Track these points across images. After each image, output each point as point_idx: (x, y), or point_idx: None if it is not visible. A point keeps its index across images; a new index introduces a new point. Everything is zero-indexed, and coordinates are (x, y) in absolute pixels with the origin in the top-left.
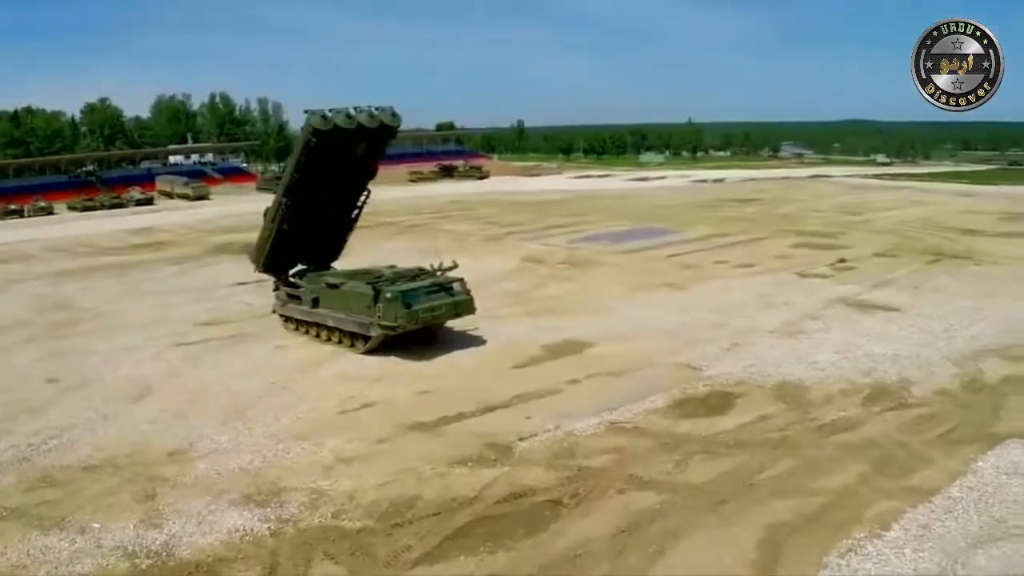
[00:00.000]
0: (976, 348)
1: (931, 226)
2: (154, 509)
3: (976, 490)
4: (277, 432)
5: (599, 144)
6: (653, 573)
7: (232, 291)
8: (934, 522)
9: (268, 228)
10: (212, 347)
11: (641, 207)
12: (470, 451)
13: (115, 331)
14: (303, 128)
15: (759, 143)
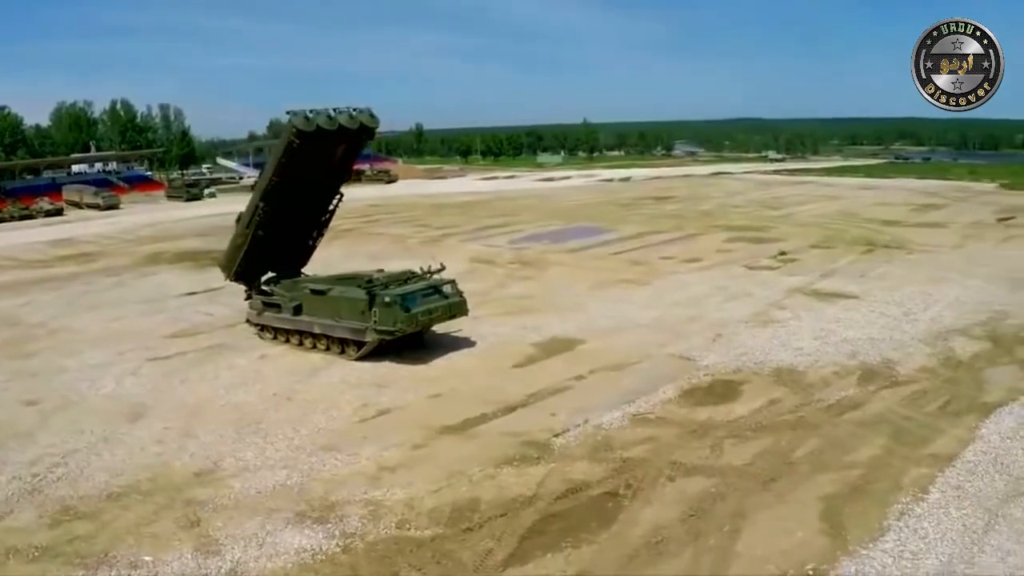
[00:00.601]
0: (939, 329)
1: (850, 218)
2: (205, 535)
3: (989, 453)
4: (302, 445)
5: (496, 146)
6: (737, 551)
7: (185, 302)
8: (964, 483)
9: (242, 235)
10: (191, 360)
11: (564, 207)
12: (510, 451)
13: (77, 347)
14: (284, 129)
15: (652, 142)
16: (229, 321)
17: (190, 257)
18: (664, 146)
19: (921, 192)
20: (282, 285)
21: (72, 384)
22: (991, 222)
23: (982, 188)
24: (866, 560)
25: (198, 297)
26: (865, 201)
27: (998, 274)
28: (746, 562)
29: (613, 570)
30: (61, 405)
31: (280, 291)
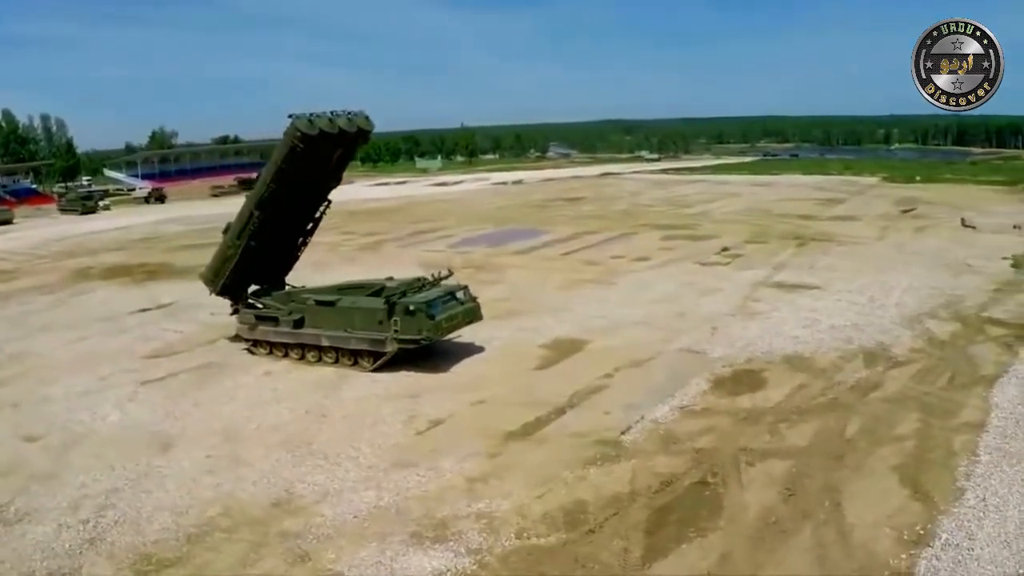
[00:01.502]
0: (909, 314)
1: (764, 214)
2: (324, 570)
3: (1010, 418)
4: (373, 463)
5: (374, 151)
6: (849, 522)
7: (142, 319)
8: (1003, 445)
9: (232, 246)
10: (189, 381)
11: (482, 210)
12: (587, 452)
13: (51, 373)
14: (286, 134)
15: (528, 145)
16: (204, 338)
17: (122, 272)
18: (539, 148)
19: (813, 187)
20: (274, 297)
21: (68, 414)
22: (896, 214)
23: (867, 182)
24: (961, 517)
25: (154, 314)
26: (767, 197)
27: (933, 262)
28: (863, 530)
29: (748, 553)
30: (69, 439)
31: (274, 304)
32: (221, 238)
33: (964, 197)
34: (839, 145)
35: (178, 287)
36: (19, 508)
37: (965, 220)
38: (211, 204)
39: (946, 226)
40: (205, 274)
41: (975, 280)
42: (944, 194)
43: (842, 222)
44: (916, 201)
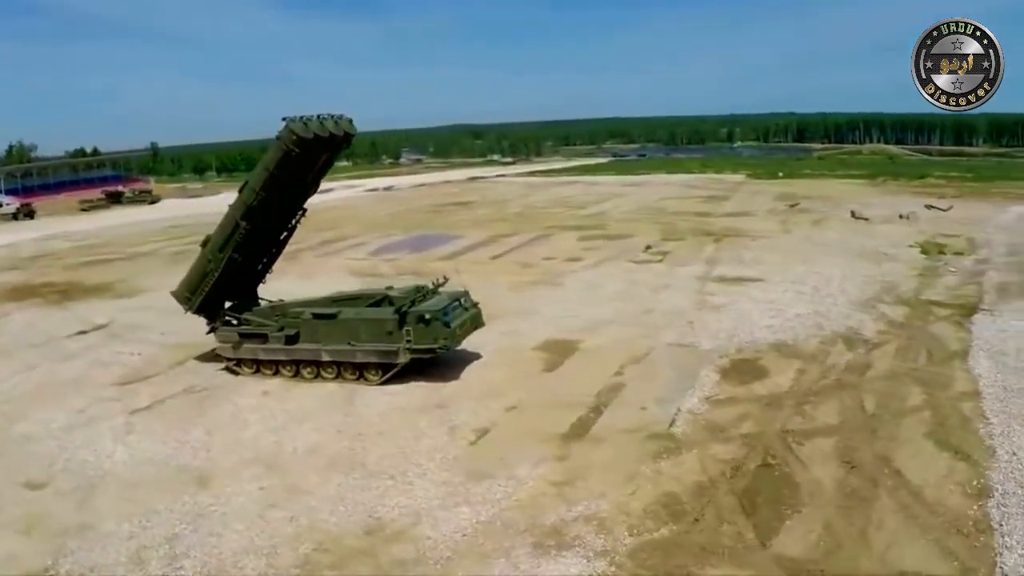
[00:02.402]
0: (857, 300)
1: (660, 212)
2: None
3: (996, 385)
4: (447, 478)
5: (230, 162)
6: (915, 484)
7: (86, 343)
8: (1004, 408)
9: (214, 259)
10: (183, 407)
11: (376, 217)
12: (647, 446)
13: (15, 408)
14: (280, 138)
15: (381, 151)
16: (170, 360)
17: (29, 292)
18: (391, 155)
19: (686, 186)
20: (257, 313)
21: (64, 454)
22: (783, 208)
23: (735, 179)
24: (1003, 470)
25: (96, 336)
26: (651, 196)
27: (848, 252)
28: (931, 490)
29: (846, 521)
30: (83, 482)
31: (259, 319)
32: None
33: (834, 191)
34: (684, 144)
35: (104, 306)
36: (70, 572)
37: (855, 212)
38: (84, 219)
39: (838, 219)
40: (179, 291)
41: (896, 267)
42: (814, 189)
43: (739, 218)
44: (795, 196)
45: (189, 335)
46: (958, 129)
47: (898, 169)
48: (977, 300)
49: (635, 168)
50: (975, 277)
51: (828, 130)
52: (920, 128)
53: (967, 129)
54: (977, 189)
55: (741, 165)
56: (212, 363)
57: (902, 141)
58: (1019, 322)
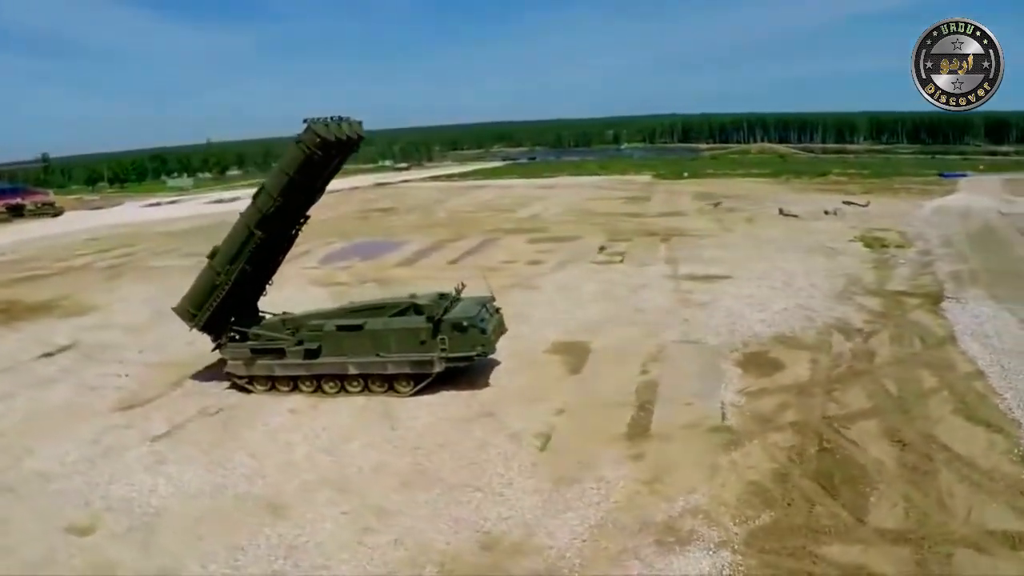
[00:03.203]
0: (831, 293)
1: (592, 214)
2: None
3: (995, 365)
4: (535, 487)
5: (121, 172)
6: (967, 456)
7: (59, 365)
8: (1011, 385)
9: (224, 272)
10: (208, 431)
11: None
12: (711, 439)
13: (14, 441)
14: (301, 140)
15: (274, 158)
16: (164, 380)
17: None
18: None
19: (600, 188)
20: (266, 326)
21: (97, 491)
22: (709, 208)
23: (642, 180)
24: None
25: (65, 358)
26: (573, 198)
27: (797, 248)
28: (982, 460)
29: (921, 493)
30: (136, 522)
31: (271, 334)
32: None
33: (746, 190)
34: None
35: (59, 325)
36: None
37: (783, 210)
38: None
39: (768, 216)
40: (183, 307)
41: (849, 261)
42: (726, 188)
43: (673, 218)
44: (713, 196)
45: (170, 353)
46: (839, 128)
47: (799, 167)
48: (938, 289)
49: (538, 171)
50: (925, 268)
51: (713, 130)
52: (803, 127)
53: (848, 128)
54: (879, 184)
55: (644, 166)
56: (212, 382)
57: (785, 140)
58: (985, 308)
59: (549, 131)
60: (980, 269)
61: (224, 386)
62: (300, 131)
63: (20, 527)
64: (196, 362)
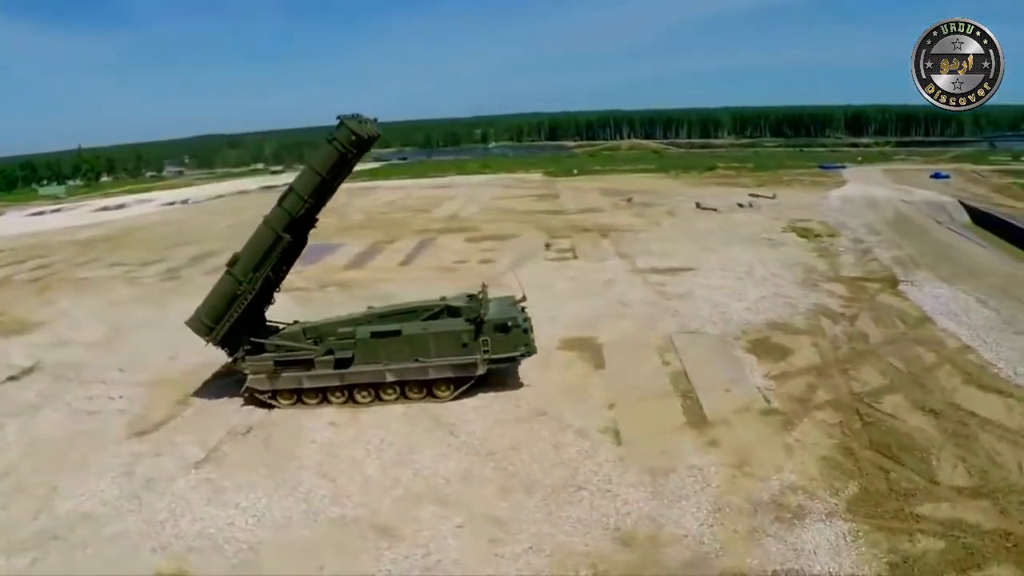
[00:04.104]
0: (796, 281)
1: (513, 212)
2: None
3: (978, 339)
4: (633, 480)
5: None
6: (995, 420)
7: (35, 388)
8: (1003, 355)
9: (248, 280)
10: (251, 453)
11: (220, 230)
12: (767, 421)
13: (29, 479)
14: (337, 138)
15: (146, 164)
16: (166, 399)
17: None
18: (157, 167)
19: (500, 186)
20: (286, 336)
21: (161, 530)
22: (623, 203)
23: (535, 178)
24: None
25: (35, 381)
26: (481, 196)
27: (735, 239)
28: (1009, 422)
29: (972, 455)
30: (233, 559)
31: (295, 344)
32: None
33: (645, 185)
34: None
35: (6, 345)
36: None
37: (700, 203)
38: None
39: (687, 210)
40: (199, 320)
41: (793, 250)
42: (625, 183)
43: (594, 214)
44: (618, 192)
45: (155, 370)
46: (704, 123)
47: (685, 162)
48: (890, 274)
49: (421, 171)
50: (866, 255)
51: (580, 128)
52: (668, 123)
53: (712, 123)
54: (768, 177)
55: (531, 164)
56: (221, 399)
57: (651, 136)
58: (940, 289)
59: (417, 131)
60: (916, 254)
61: (236, 403)
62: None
63: (96, 563)
64: (187, 379)
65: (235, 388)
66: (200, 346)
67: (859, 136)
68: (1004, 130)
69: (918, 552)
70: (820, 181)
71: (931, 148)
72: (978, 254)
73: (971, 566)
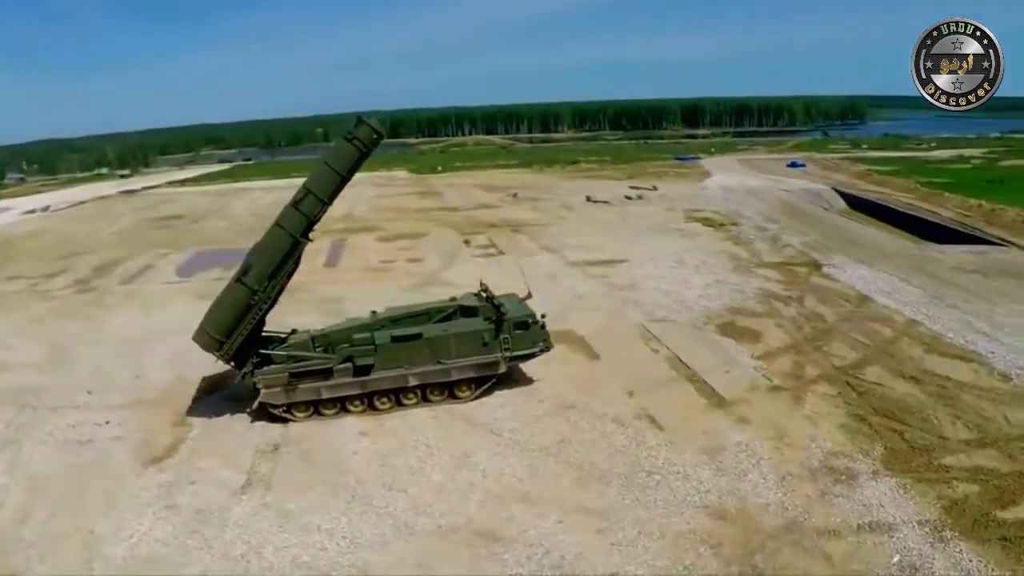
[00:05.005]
0: (731, 269)
1: (408, 211)
2: None
3: (922, 315)
4: (694, 460)
5: None
6: (968, 383)
7: (7, 420)
8: (946, 325)
9: (263, 289)
10: (295, 474)
11: (108, 239)
12: (780, 397)
13: (49, 521)
14: (358, 137)
15: None
16: (158, 423)
17: None
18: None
19: (379, 184)
20: (295, 347)
21: (250, 567)
22: (510, 199)
23: (405, 176)
24: (1001, 361)
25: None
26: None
27: (646, 230)
28: (981, 381)
29: (962, 412)
30: None
31: (310, 354)
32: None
33: (519, 180)
34: (282, 147)
35: None
36: None
37: (590, 197)
38: None
39: (580, 203)
40: (206, 334)
41: (708, 240)
42: (499, 179)
43: (490, 210)
44: (496, 187)
45: (127, 391)
46: (544, 117)
47: (548, 156)
48: (809, 259)
49: (280, 171)
50: (777, 242)
51: (422, 125)
52: (509, 118)
53: (552, 117)
54: (631, 170)
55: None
56: (223, 416)
57: (493, 131)
58: (861, 270)
59: (258, 131)
60: (822, 239)
61: (241, 419)
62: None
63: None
64: (169, 398)
65: (229, 404)
66: (158, 361)
67: (696, 128)
68: (834, 120)
69: (961, 496)
70: (685, 172)
71: (770, 138)
72: (875, 237)
73: (1008, 502)
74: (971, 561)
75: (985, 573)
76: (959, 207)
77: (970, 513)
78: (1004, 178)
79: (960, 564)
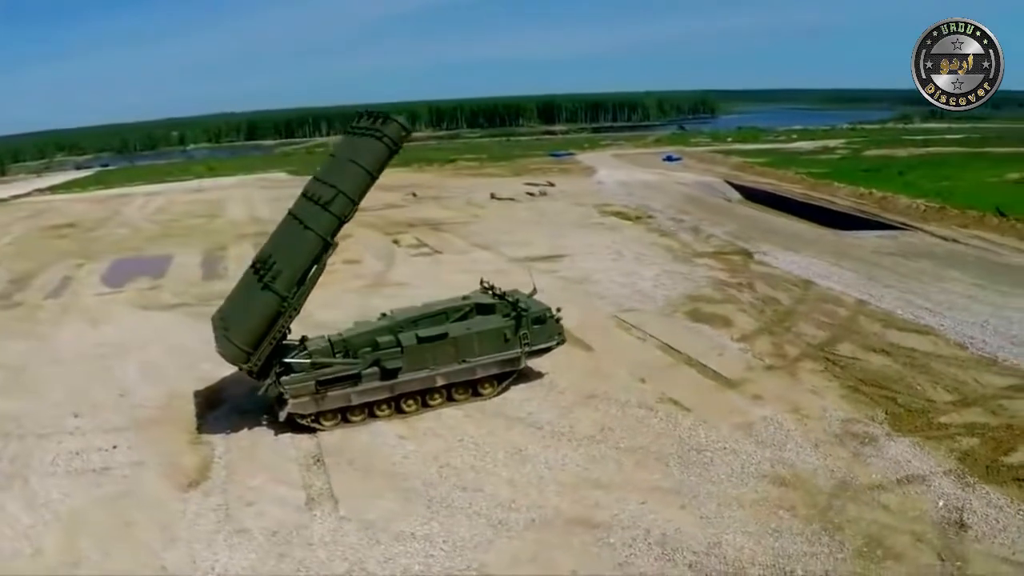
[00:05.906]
0: (674, 259)
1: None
2: None
3: (863, 292)
4: (733, 436)
5: None
6: (933, 352)
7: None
8: (893, 304)
9: (293, 296)
10: (356, 485)
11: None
12: (779, 375)
13: (128, 556)
14: (389, 136)
15: None
16: (174, 443)
17: None
18: None
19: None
20: (318, 353)
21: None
22: (412, 198)
23: (285, 177)
24: (951, 329)
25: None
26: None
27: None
28: (946, 351)
29: (939, 379)
30: None
31: (337, 360)
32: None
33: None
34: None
35: None
36: None
37: (495, 194)
38: None
39: (484, 201)
40: (236, 343)
41: (634, 232)
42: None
43: (399, 209)
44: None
45: (118, 411)
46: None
47: (419, 155)
48: (738, 247)
49: (150, 175)
50: (701, 233)
51: (278, 126)
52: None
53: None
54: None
55: (271, 164)
56: (240, 432)
57: None
58: (791, 257)
59: (113, 135)
60: (740, 229)
61: (263, 433)
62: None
63: None
64: (171, 416)
65: (241, 418)
66: (134, 377)
67: (551, 124)
68: (686, 114)
69: (967, 448)
70: (568, 168)
71: (626, 133)
72: (787, 225)
73: (1008, 450)
74: (999, 499)
75: (1014, 507)
76: (851, 195)
77: (981, 462)
78: (878, 167)
79: (992, 502)
